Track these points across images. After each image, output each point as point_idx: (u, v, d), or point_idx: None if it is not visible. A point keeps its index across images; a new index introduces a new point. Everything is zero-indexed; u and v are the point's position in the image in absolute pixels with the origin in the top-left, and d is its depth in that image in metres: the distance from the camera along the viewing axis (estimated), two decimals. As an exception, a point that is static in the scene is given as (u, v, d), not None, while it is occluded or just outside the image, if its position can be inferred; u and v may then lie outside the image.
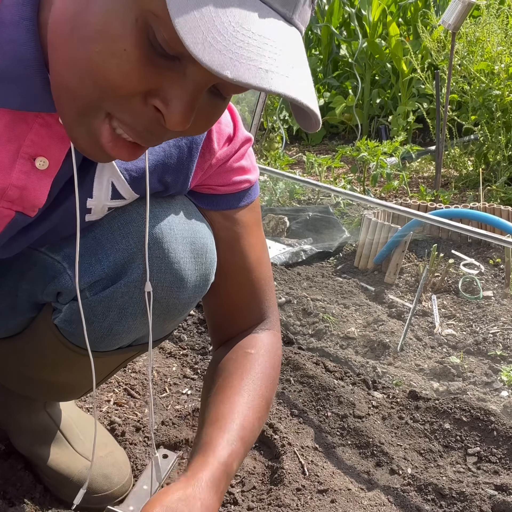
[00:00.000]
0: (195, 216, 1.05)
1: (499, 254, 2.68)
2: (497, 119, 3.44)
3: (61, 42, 0.70)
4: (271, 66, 0.63)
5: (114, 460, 1.37)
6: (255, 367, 1.06)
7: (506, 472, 1.53)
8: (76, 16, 0.67)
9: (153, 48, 0.66)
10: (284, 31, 0.66)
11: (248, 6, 0.64)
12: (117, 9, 0.65)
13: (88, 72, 0.68)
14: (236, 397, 1.00)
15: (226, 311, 1.14)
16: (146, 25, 0.65)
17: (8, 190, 0.84)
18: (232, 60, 0.61)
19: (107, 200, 0.96)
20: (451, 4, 2.96)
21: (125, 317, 1.03)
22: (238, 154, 1.03)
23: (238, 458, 0.94)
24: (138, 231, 0.99)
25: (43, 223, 0.95)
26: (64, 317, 1.05)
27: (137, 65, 0.66)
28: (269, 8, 0.65)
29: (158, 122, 0.72)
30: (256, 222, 1.10)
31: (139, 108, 0.70)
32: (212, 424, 0.96)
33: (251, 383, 1.03)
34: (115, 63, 0.66)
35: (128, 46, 0.65)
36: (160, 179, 0.98)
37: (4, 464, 1.39)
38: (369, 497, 1.41)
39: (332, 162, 3.55)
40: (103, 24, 0.66)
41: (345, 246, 2.82)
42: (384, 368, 1.93)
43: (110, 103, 0.70)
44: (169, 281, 1.01)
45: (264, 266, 1.13)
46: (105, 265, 1.00)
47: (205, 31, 0.61)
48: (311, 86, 0.68)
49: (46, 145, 0.84)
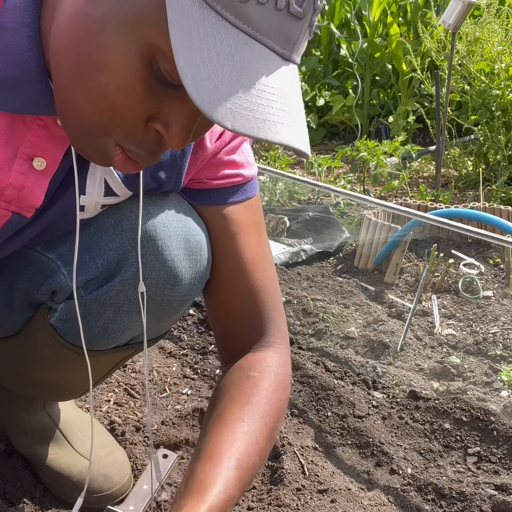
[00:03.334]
0: (189, 213, 1.04)
1: (499, 254, 2.68)
2: (497, 119, 3.44)
3: (66, 66, 0.72)
4: (268, 115, 0.66)
5: (114, 460, 1.37)
6: (259, 392, 0.97)
7: (506, 472, 1.53)
8: (82, 44, 0.69)
9: (156, 77, 0.70)
10: (282, 72, 0.69)
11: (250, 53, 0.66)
12: (124, 43, 0.68)
13: (97, 100, 0.71)
14: (237, 427, 0.92)
15: (225, 322, 1.08)
16: (150, 58, 0.68)
17: (6, 190, 0.85)
18: (232, 110, 0.64)
19: (100, 197, 0.96)
20: (451, 4, 2.96)
21: (121, 315, 1.03)
22: (228, 147, 1.02)
23: (232, 503, 0.87)
24: (132, 228, 0.99)
25: (37, 221, 0.95)
26: (59, 316, 1.06)
27: (142, 96, 0.70)
28: (270, 51, 0.68)
29: (157, 142, 0.76)
30: (254, 223, 1.05)
31: (142, 135, 0.75)
32: (207, 461, 0.89)
33: (254, 410, 0.95)
34: (122, 95, 0.70)
35: (134, 80, 0.69)
36: (153, 176, 0.98)
37: (4, 464, 1.39)
38: (369, 497, 1.41)
39: (332, 162, 3.55)
40: (110, 57, 0.68)
41: (345, 246, 2.82)
42: (384, 368, 1.93)
43: (116, 132, 0.74)
44: (163, 278, 1.01)
45: (262, 270, 1.05)
46: (99, 263, 1.00)
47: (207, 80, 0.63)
48: (303, 125, 0.72)
49: (44, 146, 0.85)
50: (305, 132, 0.72)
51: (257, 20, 0.66)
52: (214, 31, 0.65)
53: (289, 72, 0.70)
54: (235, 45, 0.65)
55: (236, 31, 0.66)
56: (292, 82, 0.71)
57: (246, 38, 0.66)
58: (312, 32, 0.74)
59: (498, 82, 3.47)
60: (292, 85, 0.71)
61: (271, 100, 0.67)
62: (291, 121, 0.69)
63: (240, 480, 0.88)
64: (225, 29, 0.65)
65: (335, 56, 4.95)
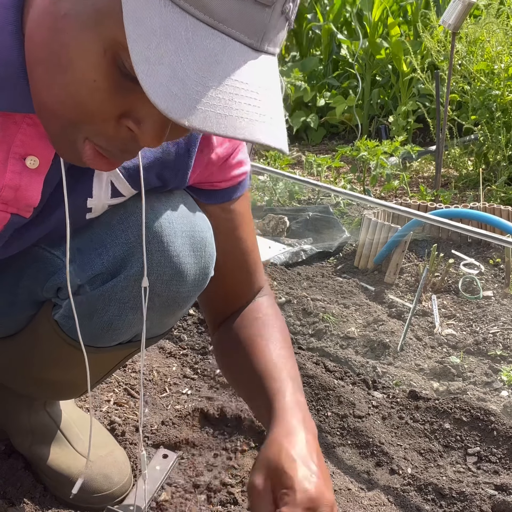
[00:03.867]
0: (194, 210, 1.05)
1: (499, 254, 2.68)
2: (497, 119, 3.44)
3: (37, 65, 0.71)
4: (230, 109, 0.63)
5: (114, 459, 1.37)
6: (270, 326, 1.13)
7: (506, 472, 1.53)
8: (50, 43, 0.68)
9: (123, 73, 0.67)
10: (252, 64, 0.65)
11: (212, 45, 0.63)
12: (86, 40, 0.66)
13: (64, 99, 0.70)
14: (271, 351, 1.08)
15: (225, 294, 1.17)
16: (114, 54, 0.66)
17: (3, 191, 0.85)
18: (190, 106, 0.61)
19: (107, 199, 0.97)
20: (451, 4, 2.96)
21: (125, 312, 1.03)
22: (237, 150, 1.05)
23: (302, 392, 1.04)
24: (138, 225, 1.00)
25: (42, 225, 0.95)
26: (64, 312, 1.06)
27: (108, 94, 0.68)
28: (235, 42, 0.64)
29: (132, 140, 0.74)
30: (248, 208, 1.15)
31: (113, 132, 0.72)
32: (269, 378, 1.03)
33: (274, 339, 1.11)
34: (87, 93, 0.68)
35: (98, 77, 0.67)
36: (158, 175, 0.99)
37: (4, 464, 1.39)
38: (369, 497, 1.41)
39: (332, 162, 3.55)
40: (74, 55, 0.67)
41: (345, 246, 2.82)
42: (384, 368, 1.93)
43: (86, 128, 0.72)
44: (168, 274, 1.02)
45: (256, 248, 1.19)
46: (105, 259, 1.00)
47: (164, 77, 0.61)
48: (279, 120, 0.68)
49: (35, 144, 0.85)
50: (282, 127, 0.69)
51: (219, 10, 0.62)
52: (172, 23, 0.62)
53: (261, 64, 0.67)
54: (196, 37, 0.62)
55: (196, 22, 0.62)
56: (266, 74, 0.67)
57: (208, 29, 0.63)
58: (292, 20, 0.69)
59: (498, 82, 3.47)
60: (266, 77, 0.67)
61: (234, 94, 0.64)
62: (259, 115, 0.65)
63: (295, 380, 1.05)
64: (184, 20, 0.62)
65: (336, 56, 4.95)
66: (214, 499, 1.38)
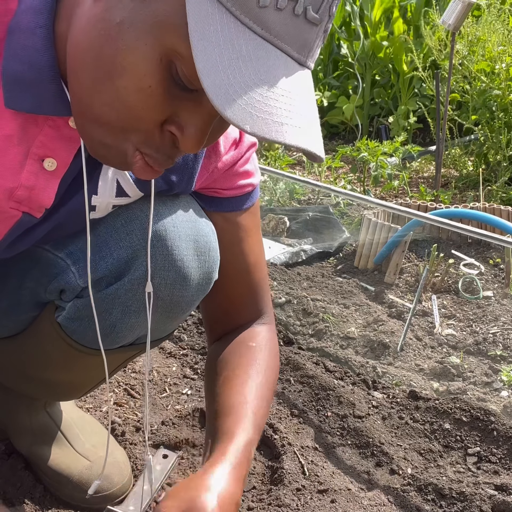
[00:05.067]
0: (199, 214, 1.06)
1: (499, 254, 2.68)
2: (498, 119, 3.44)
3: (84, 71, 0.73)
4: (286, 118, 0.67)
5: (114, 460, 1.37)
6: (259, 359, 1.09)
7: (506, 472, 1.53)
8: (101, 49, 0.70)
9: (174, 81, 0.70)
10: (298, 77, 0.70)
11: (268, 58, 0.67)
12: (143, 47, 0.68)
13: (114, 103, 0.72)
14: (245, 388, 1.03)
15: (225, 308, 1.16)
16: (169, 62, 0.69)
17: (17, 191, 0.86)
18: (252, 114, 0.65)
19: (111, 197, 0.97)
20: (451, 4, 2.96)
21: (129, 315, 1.03)
22: (243, 159, 1.05)
23: (254, 445, 0.97)
24: (142, 228, 1.00)
25: (48, 221, 0.95)
26: (67, 314, 1.06)
27: (161, 100, 0.71)
28: (287, 56, 0.69)
29: (173, 145, 0.76)
30: (256, 225, 1.13)
31: (159, 138, 0.75)
32: (226, 415, 0.98)
33: (256, 374, 1.06)
34: (141, 99, 0.71)
35: (153, 83, 0.70)
36: (165, 179, 0.99)
37: (4, 464, 1.39)
38: (369, 497, 1.41)
39: (332, 162, 3.55)
40: (130, 61, 0.69)
41: (345, 246, 2.82)
42: (384, 368, 1.93)
43: (134, 135, 0.75)
44: (172, 278, 1.02)
45: (262, 267, 1.16)
46: (109, 262, 1.00)
47: (228, 85, 0.65)
48: (319, 130, 0.73)
49: (54, 147, 0.86)
50: (320, 137, 0.73)
51: (275, 26, 0.67)
52: (234, 36, 0.66)
53: (304, 77, 0.71)
54: (254, 50, 0.66)
55: (254, 36, 0.67)
56: (308, 87, 0.72)
57: (264, 43, 0.67)
58: (326, 38, 0.75)
59: (498, 82, 3.48)
60: (308, 90, 0.72)
61: (289, 104, 0.68)
62: (308, 126, 0.70)
63: (256, 427, 0.99)
64: (244, 34, 0.66)
65: (336, 56, 4.95)
66: (214, 499, 1.38)
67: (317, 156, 0.71)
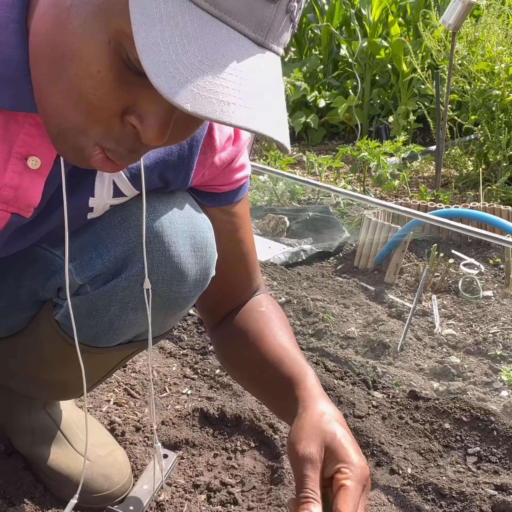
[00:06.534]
0: (195, 210, 1.06)
1: (499, 254, 2.68)
2: (498, 119, 3.44)
3: (41, 61, 0.70)
4: (234, 98, 0.63)
5: (114, 460, 1.37)
6: (273, 317, 1.16)
7: (506, 472, 1.53)
8: (54, 35, 0.68)
9: (127, 66, 0.67)
10: (256, 59, 0.65)
11: (216, 35, 0.63)
12: (91, 30, 0.65)
13: (69, 94, 0.69)
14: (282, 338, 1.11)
15: (227, 290, 1.18)
16: (118, 45, 0.65)
17: (3, 191, 0.84)
18: (193, 92, 0.61)
19: (109, 199, 0.97)
20: (451, 4, 2.96)
21: (126, 312, 1.03)
22: (240, 154, 1.05)
23: None
24: (138, 225, 1.00)
25: (43, 225, 0.95)
26: (65, 312, 1.06)
27: (112, 86, 0.67)
28: (240, 35, 0.65)
29: (136, 138, 0.73)
30: (247, 210, 1.16)
31: (119, 130, 0.72)
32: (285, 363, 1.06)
33: (280, 330, 1.13)
34: (92, 85, 0.67)
35: (102, 68, 0.66)
36: (161, 176, 0.99)
37: (4, 464, 1.39)
38: (369, 497, 1.41)
39: (333, 162, 3.55)
40: (78, 46, 0.66)
41: (345, 246, 2.82)
42: (384, 368, 1.93)
43: (93, 128, 0.71)
44: (169, 274, 1.02)
45: (254, 246, 1.20)
46: (106, 259, 1.00)
47: (168, 62, 0.61)
48: (278, 112, 0.68)
49: (37, 145, 0.84)
50: (285, 124, 0.69)
51: (224, 2, 0.63)
52: (178, 12, 0.62)
53: (265, 60, 0.67)
54: (200, 27, 0.62)
55: (202, 13, 0.63)
56: (272, 72, 0.67)
57: (213, 20, 0.63)
58: (296, 22, 0.70)
59: (498, 82, 3.48)
60: (272, 75, 0.67)
61: (238, 84, 0.63)
62: (264, 109, 0.65)
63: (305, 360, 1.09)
64: (189, 10, 0.62)
65: (335, 56, 4.95)
66: (214, 499, 1.38)
67: (279, 143, 0.66)
